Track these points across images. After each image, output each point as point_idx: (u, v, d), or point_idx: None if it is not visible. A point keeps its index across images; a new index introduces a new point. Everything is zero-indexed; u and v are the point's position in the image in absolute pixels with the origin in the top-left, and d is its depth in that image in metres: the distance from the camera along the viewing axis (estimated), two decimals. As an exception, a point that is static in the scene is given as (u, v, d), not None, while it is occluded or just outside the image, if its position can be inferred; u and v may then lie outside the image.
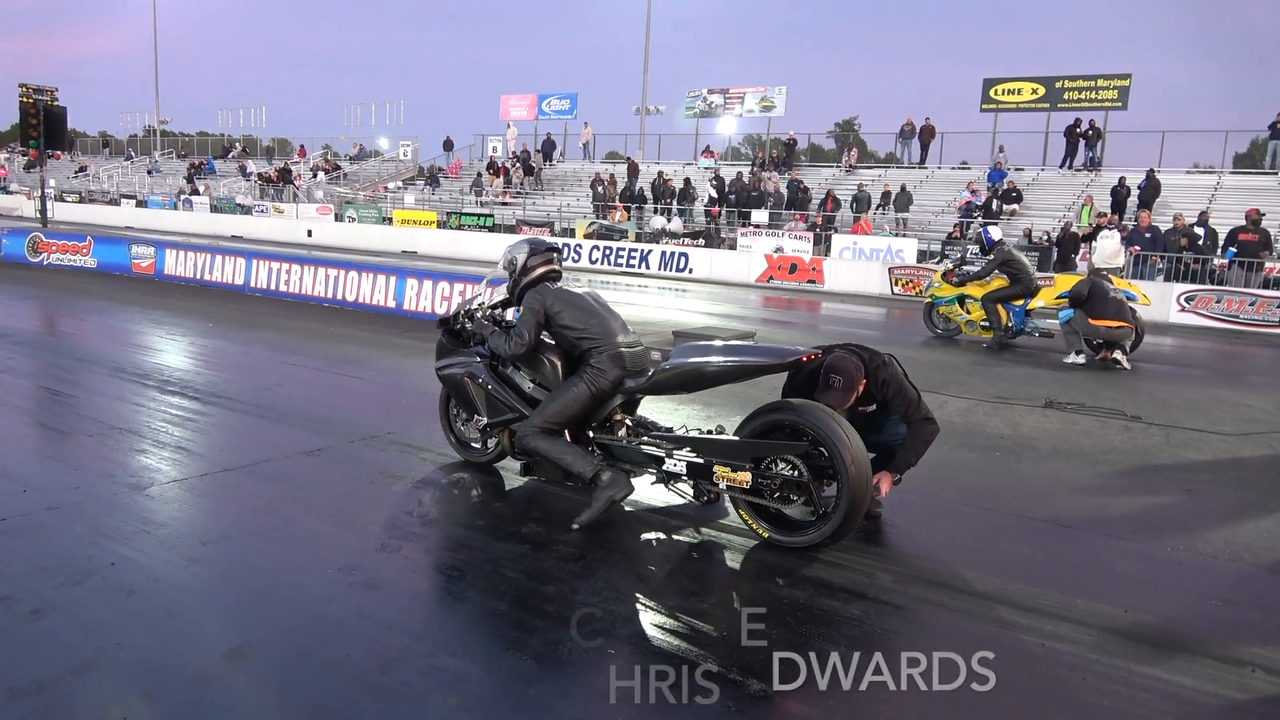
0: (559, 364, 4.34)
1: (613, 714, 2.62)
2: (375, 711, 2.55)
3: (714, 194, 24.63)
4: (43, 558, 3.46)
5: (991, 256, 10.89)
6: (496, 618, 3.18)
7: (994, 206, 21.44)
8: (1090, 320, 9.45)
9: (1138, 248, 16.72)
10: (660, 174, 26.39)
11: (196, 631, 2.96)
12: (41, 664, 2.69)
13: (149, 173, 40.62)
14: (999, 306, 10.65)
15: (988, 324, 10.77)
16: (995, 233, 11.41)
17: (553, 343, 4.41)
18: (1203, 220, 17.22)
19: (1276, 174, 21.24)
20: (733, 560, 3.83)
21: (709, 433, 4.11)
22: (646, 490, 4.42)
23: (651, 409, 4.88)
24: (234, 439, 5.40)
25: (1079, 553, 4.09)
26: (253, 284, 12.98)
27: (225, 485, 4.45)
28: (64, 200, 35.44)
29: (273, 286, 12.71)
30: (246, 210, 31.79)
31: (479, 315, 4.74)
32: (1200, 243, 16.49)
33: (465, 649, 2.97)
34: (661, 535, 4.06)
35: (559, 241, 23.37)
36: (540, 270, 4.49)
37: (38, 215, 21.13)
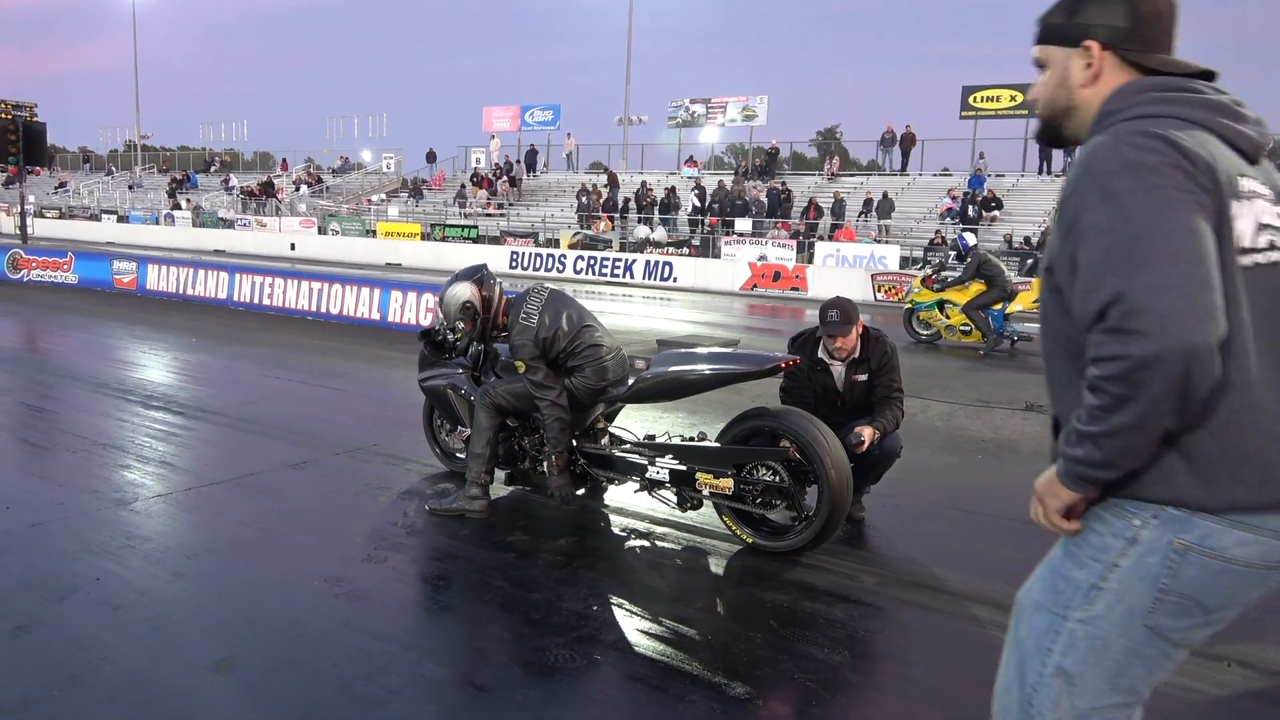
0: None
1: (598, 719, 2.64)
2: (362, 720, 2.56)
3: (697, 203, 24.74)
4: (27, 574, 3.45)
5: (969, 260, 11.01)
6: (483, 625, 3.20)
7: (969, 212, 21.63)
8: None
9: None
10: (644, 184, 26.49)
11: (183, 645, 2.96)
12: (27, 680, 2.69)
13: (130, 188, 40.42)
14: (979, 312, 10.75)
15: (968, 329, 10.87)
16: (970, 238, 11.54)
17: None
18: None
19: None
20: (717, 565, 3.86)
21: (691, 440, 4.14)
22: (631, 497, 4.45)
23: (637, 417, 4.90)
24: (218, 453, 5.39)
25: (1059, 553, 4.14)
26: (236, 298, 12.93)
27: (210, 499, 4.44)
28: (44, 216, 35.23)
29: (256, 300, 12.68)
30: (229, 224, 31.69)
31: (460, 329, 4.74)
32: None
33: (452, 657, 2.99)
34: (646, 542, 4.09)
35: (544, 252, 23.44)
36: (495, 290, 4.24)
37: (17, 232, 20.95)
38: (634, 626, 3.22)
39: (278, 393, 7.34)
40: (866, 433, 4.03)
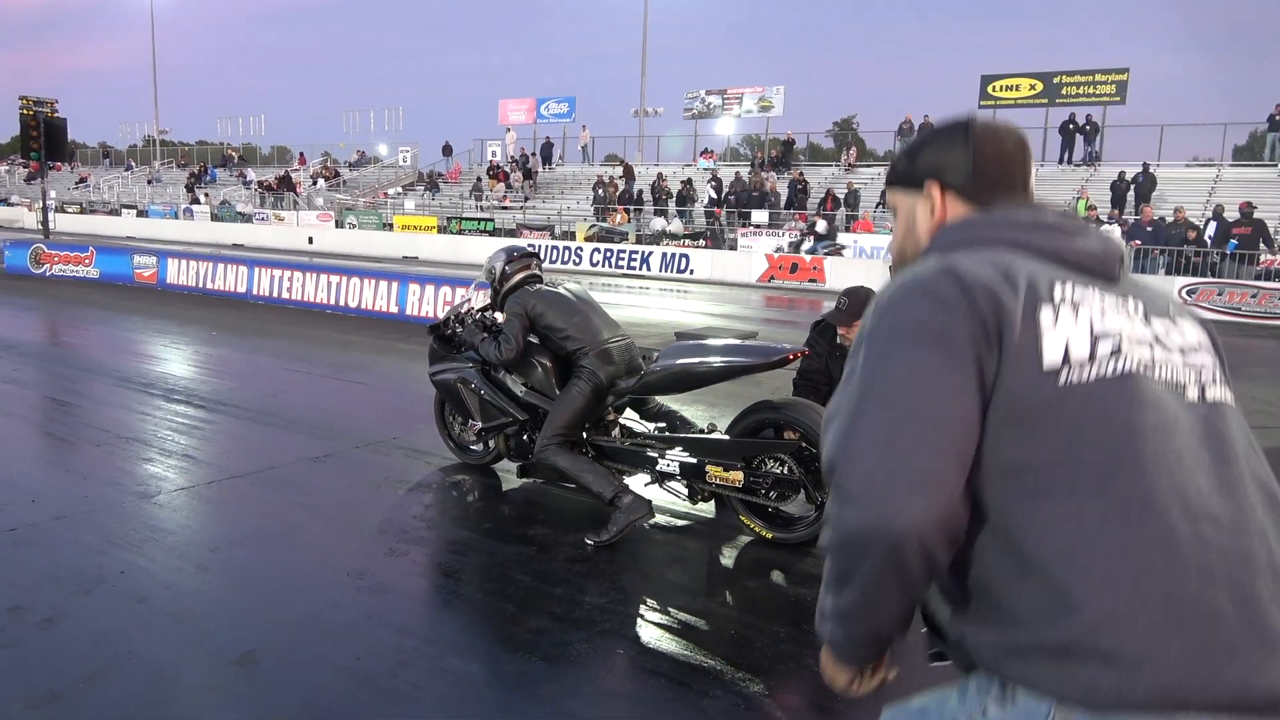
0: (550, 366, 4.37)
1: (620, 714, 2.64)
2: (385, 714, 2.56)
3: (713, 195, 24.65)
4: (53, 567, 3.48)
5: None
6: (504, 619, 3.19)
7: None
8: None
9: (1139, 241, 16.71)
10: (660, 175, 26.42)
11: (207, 638, 2.97)
12: (54, 674, 2.71)
13: (149, 182, 40.70)
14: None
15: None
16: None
17: (541, 344, 4.44)
18: (1218, 213, 16.91)
19: (1276, 165, 21.24)
20: (739, 559, 3.84)
21: (701, 432, 4.13)
22: (650, 490, 4.43)
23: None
24: (240, 446, 5.42)
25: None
26: (255, 292, 13.00)
27: (232, 492, 4.47)
28: (65, 211, 35.50)
29: (275, 294, 12.74)
30: (247, 218, 31.85)
31: (469, 321, 4.76)
32: (1208, 235, 16.37)
33: (474, 651, 2.99)
34: (667, 535, 4.07)
35: (560, 245, 23.44)
36: (519, 275, 4.56)
37: (39, 227, 21.17)
38: (656, 621, 3.20)
39: (298, 386, 7.37)
40: None
